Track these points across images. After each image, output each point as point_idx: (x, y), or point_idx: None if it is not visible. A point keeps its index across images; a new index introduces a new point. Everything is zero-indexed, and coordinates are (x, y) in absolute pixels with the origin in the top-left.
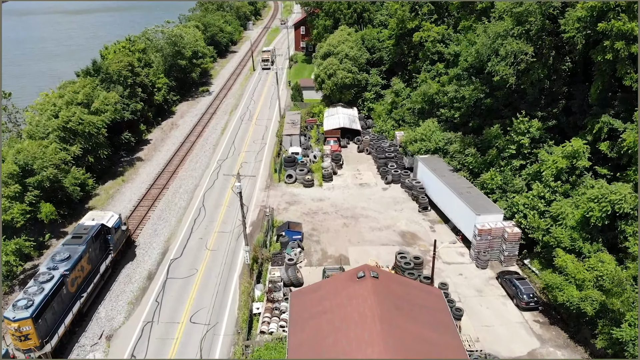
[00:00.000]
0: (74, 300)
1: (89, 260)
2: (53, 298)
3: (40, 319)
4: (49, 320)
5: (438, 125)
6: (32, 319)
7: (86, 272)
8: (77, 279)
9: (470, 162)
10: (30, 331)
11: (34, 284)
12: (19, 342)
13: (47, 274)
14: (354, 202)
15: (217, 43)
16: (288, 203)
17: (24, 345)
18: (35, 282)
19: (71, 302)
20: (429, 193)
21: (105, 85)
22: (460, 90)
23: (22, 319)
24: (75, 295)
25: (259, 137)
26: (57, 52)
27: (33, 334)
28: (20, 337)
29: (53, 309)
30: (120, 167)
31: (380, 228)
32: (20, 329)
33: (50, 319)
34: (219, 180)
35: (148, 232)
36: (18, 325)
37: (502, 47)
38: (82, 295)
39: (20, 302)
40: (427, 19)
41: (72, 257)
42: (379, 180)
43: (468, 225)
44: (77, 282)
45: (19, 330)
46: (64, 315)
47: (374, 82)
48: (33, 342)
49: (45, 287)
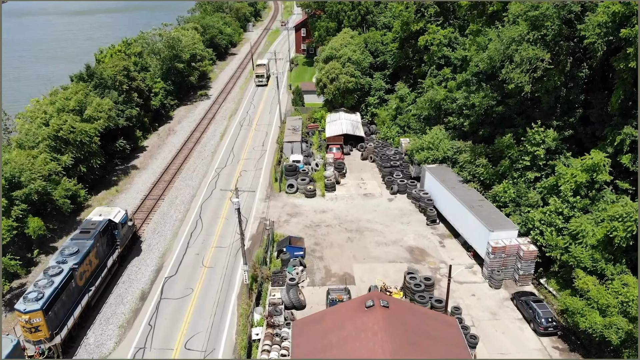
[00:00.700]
0: (83, 294)
1: (96, 255)
2: (62, 291)
3: (50, 311)
4: (59, 312)
5: (446, 133)
6: (43, 311)
7: (94, 267)
8: (85, 273)
9: (482, 173)
10: (40, 323)
11: (43, 277)
12: (29, 333)
13: (57, 268)
14: (359, 214)
15: (216, 45)
16: (289, 215)
17: (34, 336)
18: (45, 276)
19: (80, 296)
20: (437, 205)
21: (99, 91)
22: (470, 97)
23: (33, 310)
24: (84, 289)
25: (259, 144)
26: (55, 54)
27: (43, 326)
28: (31, 328)
29: (62, 302)
30: (114, 176)
31: (386, 243)
32: (30, 320)
33: (60, 311)
34: (217, 190)
35: (142, 248)
36: (29, 317)
37: (517, 53)
38: (90, 288)
39: (31, 295)
40: (432, 21)
41: (80, 252)
42: (384, 190)
43: (480, 241)
44: (86, 276)
45: (29, 322)
46: (73, 308)
47: (377, 86)
48: (43, 334)
49: (55, 280)
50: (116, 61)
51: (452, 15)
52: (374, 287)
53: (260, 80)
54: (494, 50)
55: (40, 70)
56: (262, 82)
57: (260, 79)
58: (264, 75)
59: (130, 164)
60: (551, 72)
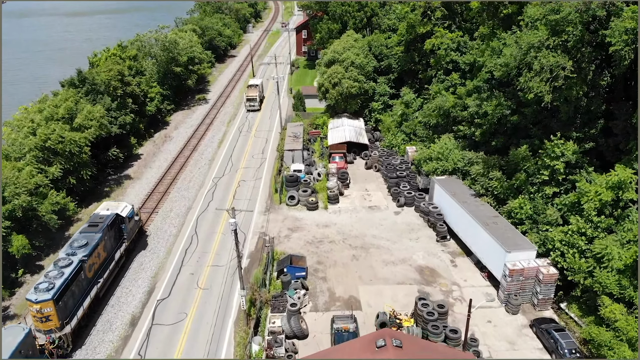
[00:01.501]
0: (92, 285)
1: (104, 248)
2: (72, 282)
3: (61, 302)
4: (69, 303)
5: (455, 142)
6: (54, 300)
7: (102, 259)
8: (94, 265)
9: (495, 187)
10: (51, 312)
11: (54, 269)
12: (40, 323)
13: (67, 259)
14: (364, 228)
15: (215, 47)
16: (290, 229)
17: (45, 326)
18: (56, 267)
19: (89, 287)
20: (448, 220)
21: (91, 97)
22: (483, 106)
23: (44, 300)
24: (93, 281)
25: (259, 151)
26: (53, 56)
27: (54, 316)
28: (42, 318)
29: (72, 293)
30: (106, 186)
31: (394, 262)
32: (41, 310)
33: (70, 302)
34: (215, 201)
35: (133, 267)
36: (40, 306)
37: (537, 61)
38: (98, 280)
39: (42, 285)
40: (440, 24)
41: (89, 244)
42: (390, 202)
43: (496, 262)
44: (94, 268)
45: (40, 312)
46: (82, 299)
47: (381, 91)
48: (54, 323)
49: (65, 272)
50: (110, 65)
51: (460, 18)
52: (382, 313)
53: (252, 104)
54: (510, 57)
55: (37, 73)
56: (254, 106)
57: (252, 103)
58: (256, 99)
59: (124, 173)
60: (572, 80)
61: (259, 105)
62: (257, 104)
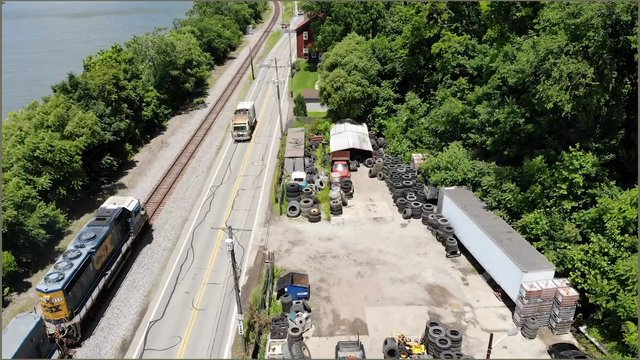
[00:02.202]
0: (99, 277)
1: (111, 241)
2: (81, 273)
3: (70, 292)
4: (78, 293)
5: (465, 151)
6: (63, 291)
7: (109, 252)
8: (102, 257)
9: (509, 200)
10: (61, 302)
11: (63, 260)
12: (50, 313)
13: (75, 251)
14: (369, 242)
15: (214, 49)
16: (291, 243)
17: (55, 315)
18: (65, 259)
19: (97, 278)
20: (458, 234)
21: (83, 102)
22: (495, 113)
23: (54, 290)
24: (100, 272)
25: (258, 158)
26: (50, 58)
27: (64, 305)
28: (52, 308)
29: (81, 284)
30: (99, 196)
31: (402, 280)
32: (51, 300)
33: (79, 292)
34: (212, 212)
35: (125, 285)
36: (50, 296)
37: (555, 67)
38: (106, 272)
39: (52, 276)
40: (446, 27)
41: (97, 237)
42: (396, 213)
43: (511, 282)
44: (102, 260)
45: (50, 302)
46: (90, 290)
47: (385, 95)
48: (63, 313)
49: (74, 263)
50: (105, 69)
51: (467, 20)
52: (390, 339)
53: (241, 134)
54: (525, 63)
55: (32, 76)
56: (242, 136)
57: (241, 132)
58: (246, 127)
59: (118, 181)
60: (594, 89)
61: (249, 134)
62: (247, 132)
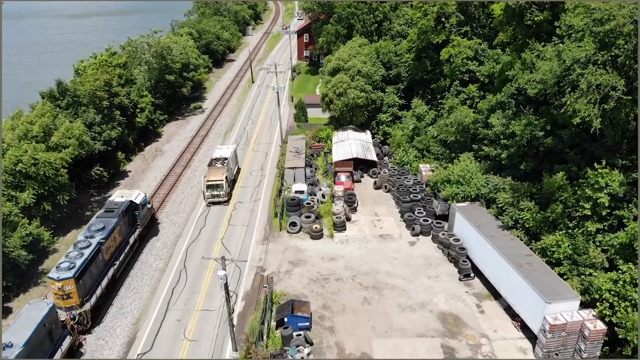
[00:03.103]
0: (109, 267)
1: (120, 232)
2: (91, 263)
3: (81, 280)
4: (88, 282)
5: (478, 164)
6: (74, 279)
7: (118, 243)
8: (110, 248)
9: (527, 219)
10: (72, 290)
11: (73, 250)
12: (61, 300)
13: (86, 242)
14: (375, 262)
15: (212, 52)
16: (291, 263)
17: (66, 303)
18: (75, 248)
19: (106, 268)
20: (472, 256)
21: (72, 110)
22: (510, 125)
23: (66, 278)
24: (109, 263)
25: (257, 167)
26: (45, 60)
27: (74, 293)
28: (63, 295)
29: (91, 273)
30: (88, 210)
31: (412, 307)
32: (63, 288)
33: (88, 281)
34: (207, 228)
35: (113, 311)
36: (62, 284)
37: (583, 78)
38: (115, 262)
39: (63, 265)
40: (455, 32)
41: (106, 228)
42: (404, 230)
43: (532, 312)
44: (111, 251)
45: (62, 289)
46: (100, 279)
47: (390, 102)
48: (74, 301)
49: (84, 253)
50: (97, 74)
51: (477, 24)
52: None
53: (216, 194)
54: (548, 72)
55: (25, 78)
56: (218, 197)
57: (216, 192)
58: (222, 185)
59: (109, 193)
60: (625, 102)
61: (228, 194)
62: (224, 192)
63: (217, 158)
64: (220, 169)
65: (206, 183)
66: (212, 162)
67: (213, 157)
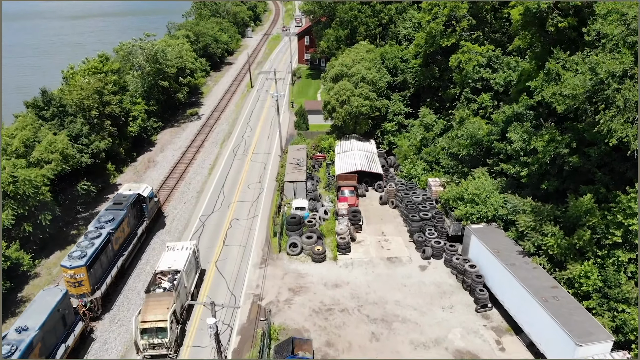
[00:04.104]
0: (118, 257)
1: (128, 224)
2: (102, 252)
3: (92, 269)
4: (98, 270)
5: (494, 181)
6: (86, 267)
7: (126, 234)
8: (119, 239)
9: (551, 246)
10: (83, 278)
11: (84, 240)
12: (73, 288)
13: (96, 232)
14: (383, 290)
15: (210, 55)
16: (292, 291)
17: (78, 290)
18: (86, 238)
19: (115, 258)
20: (489, 284)
21: (57, 121)
22: (532, 141)
23: (78, 266)
24: (118, 253)
25: (255, 180)
26: (38, 63)
27: (86, 281)
28: (75, 283)
29: (101, 262)
30: (73, 228)
31: (425, 343)
32: (75, 275)
33: (99, 270)
34: (200, 248)
35: (95, 347)
36: (74, 272)
37: (620, 94)
38: (123, 253)
39: (75, 253)
40: (466, 37)
41: (115, 219)
42: (413, 252)
43: (560, 354)
44: (120, 242)
45: (74, 277)
46: (110, 268)
47: (395, 110)
48: (85, 288)
49: (95, 242)
50: (86, 82)
51: (489, 28)
52: None
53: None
54: (579, 87)
55: (19, 82)
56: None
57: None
58: (165, 328)
59: (96, 209)
60: None
61: (173, 344)
62: (168, 340)
63: (163, 272)
64: (165, 300)
65: (140, 326)
66: (155, 278)
67: (157, 271)
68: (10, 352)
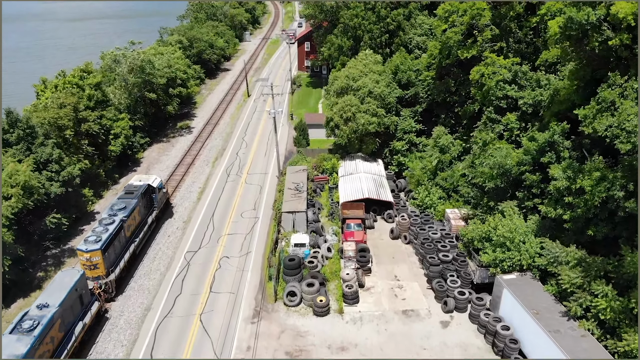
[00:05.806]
0: (130, 243)
1: (139, 213)
2: (115, 237)
3: (106, 252)
4: (112, 255)
5: (529, 223)
6: (101, 250)
7: (137, 222)
8: (131, 226)
9: (602, 309)
10: (99, 261)
11: (99, 226)
12: (89, 270)
13: (109, 219)
14: (399, 354)
15: (205, 61)
16: (289, 355)
17: (93, 273)
18: (101, 224)
19: (127, 244)
20: (526, 350)
21: (22, 146)
22: (578, 179)
23: (93, 250)
24: (130, 239)
25: (249, 206)
26: (26, 68)
27: (101, 264)
28: (90, 266)
29: (115, 247)
30: (40, 269)
31: None
32: (91, 259)
33: (113, 254)
34: (184, 296)
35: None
36: (89, 255)
37: None
38: (135, 240)
39: (90, 238)
40: (489, 47)
41: (127, 207)
42: (432, 301)
43: None
44: (131, 229)
45: (89, 260)
46: (123, 253)
47: (406, 127)
48: (101, 271)
49: (109, 228)
50: (60, 99)
51: (513, 39)
52: None
53: None
54: None
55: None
56: None
57: None
58: None
59: (68, 245)
60: None
61: None
62: None
63: None
64: None
65: None
66: None
67: None
68: (32, 327)
